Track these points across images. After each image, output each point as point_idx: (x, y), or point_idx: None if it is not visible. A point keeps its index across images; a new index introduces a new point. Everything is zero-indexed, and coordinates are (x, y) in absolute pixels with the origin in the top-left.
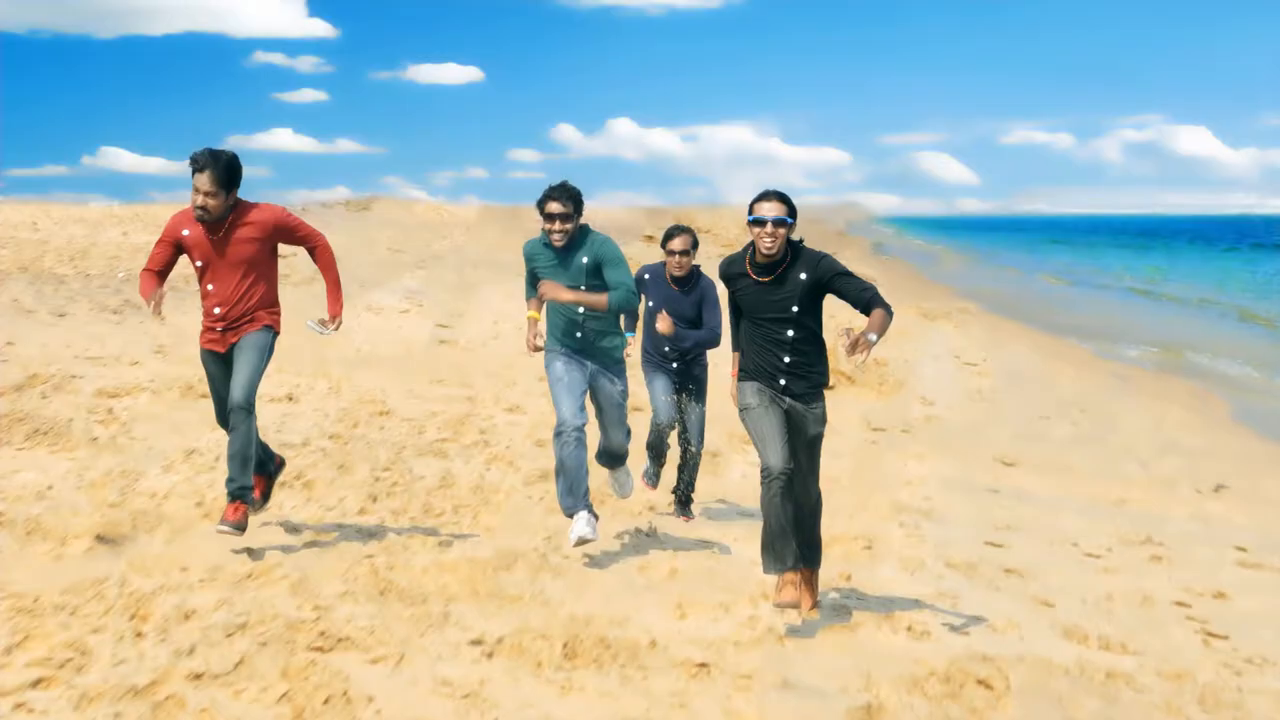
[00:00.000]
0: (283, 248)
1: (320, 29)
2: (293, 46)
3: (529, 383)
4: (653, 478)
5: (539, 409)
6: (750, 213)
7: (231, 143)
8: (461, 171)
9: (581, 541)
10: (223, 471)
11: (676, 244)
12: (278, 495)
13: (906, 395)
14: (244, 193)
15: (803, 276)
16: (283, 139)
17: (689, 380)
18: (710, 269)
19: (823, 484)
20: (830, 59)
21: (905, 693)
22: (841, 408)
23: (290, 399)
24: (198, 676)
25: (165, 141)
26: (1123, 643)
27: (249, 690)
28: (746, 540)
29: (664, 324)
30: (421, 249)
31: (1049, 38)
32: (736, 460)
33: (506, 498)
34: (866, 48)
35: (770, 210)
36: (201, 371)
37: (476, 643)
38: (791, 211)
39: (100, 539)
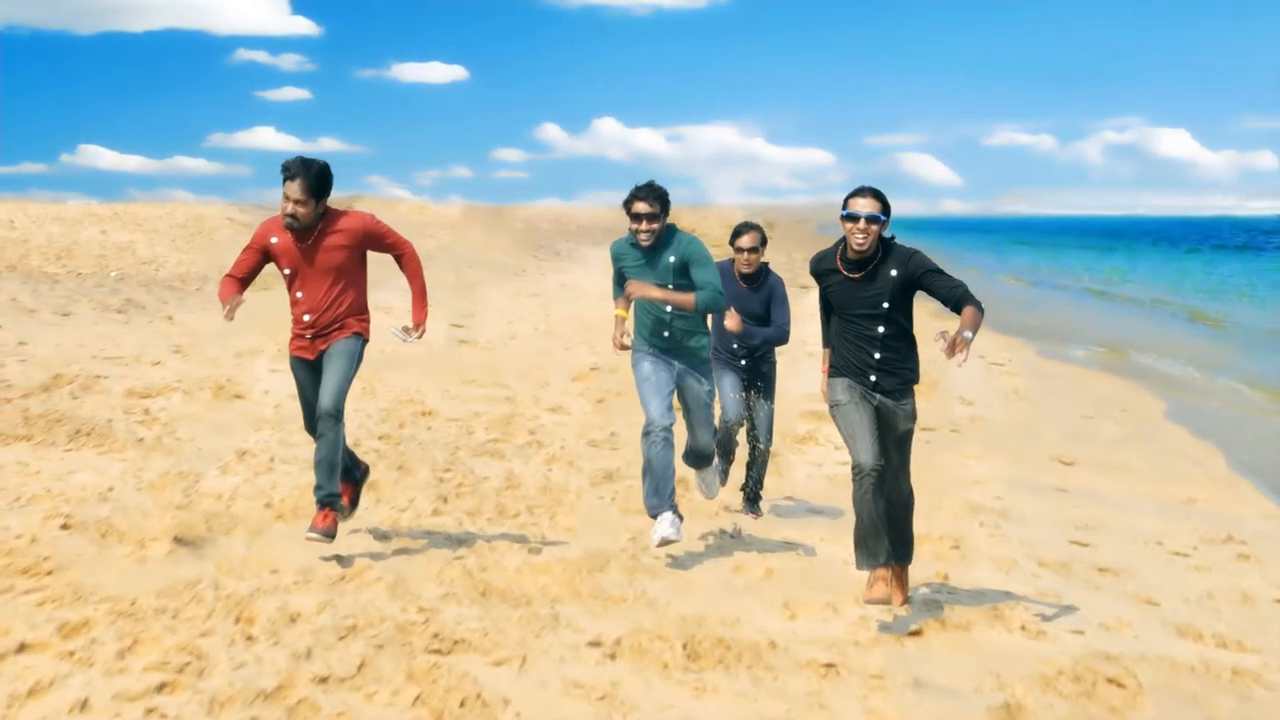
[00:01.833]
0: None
1: (303, 26)
2: (275, 44)
3: (563, 383)
4: (721, 475)
5: (581, 409)
6: (844, 207)
7: (213, 141)
8: (446, 171)
9: (665, 542)
10: (282, 473)
11: (745, 241)
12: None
13: (944, 395)
14: (227, 189)
15: (893, 273)
16: (265, 137)
17: (757, 377)
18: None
19: None
20: (815, 60)
21: (1040, 692)
22: None
23: None
24: (323, 680)
25: (145, 139)
26: (1238, 640)
27: (380, 694)
28: (831, 540)
29: (733, 321)
30: None
31: (1032, 40)
32: (795, 460)
33: (577, 498)
34: (851, 49)
35: (864, 206)
36: (230, 372)
37: (595, 644)
38: (885, 209)
39: (178, 541)
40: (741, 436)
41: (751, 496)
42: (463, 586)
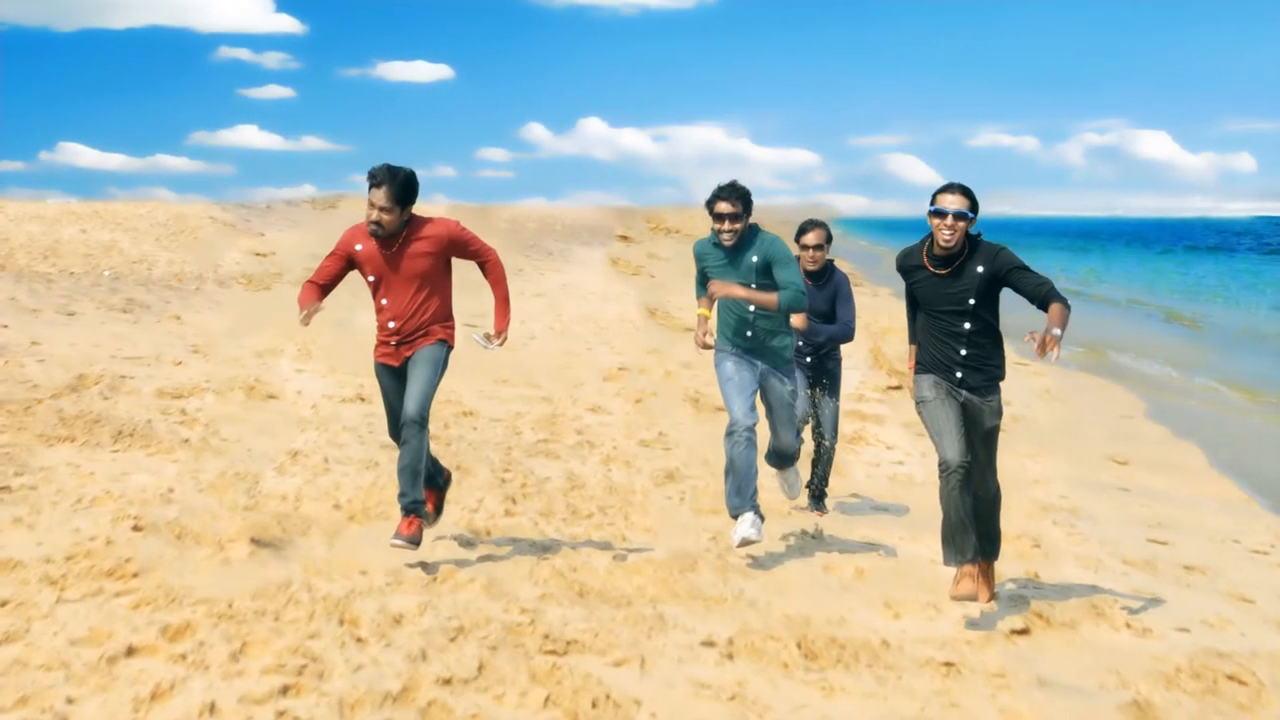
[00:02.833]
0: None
1: (287, 25)
2: (259, 42)
3: (595, 383)
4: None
5: (622, 409)
6: (931, 204)
7: (195, 139)
8: (430, 170)
9: (746, 543)
10: (340, 474)
11: (810, 238)
12: None
13: None
14: (209, 188)
15: (980, 269)
16: (248, 136)
17: (822, 375)
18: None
19: None
20: (801, 61)
21: (1164, 689)
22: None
23: (362, 399)
24: (446, 682)
25: (126, 138)
26: None
27: (508, 695)
28: (911, 540)
29: (798, 319)
30: None
31: (1015, 43)
32: (851, 460)
33: (645, 498)
34: (837, 51)
35: (952, 203)
36: (255, 372)
37: (708, 644)
38: (973, 206)
39: (256, 542)
40: (806, 434)
41: (817, 494)
42: (557, 587)
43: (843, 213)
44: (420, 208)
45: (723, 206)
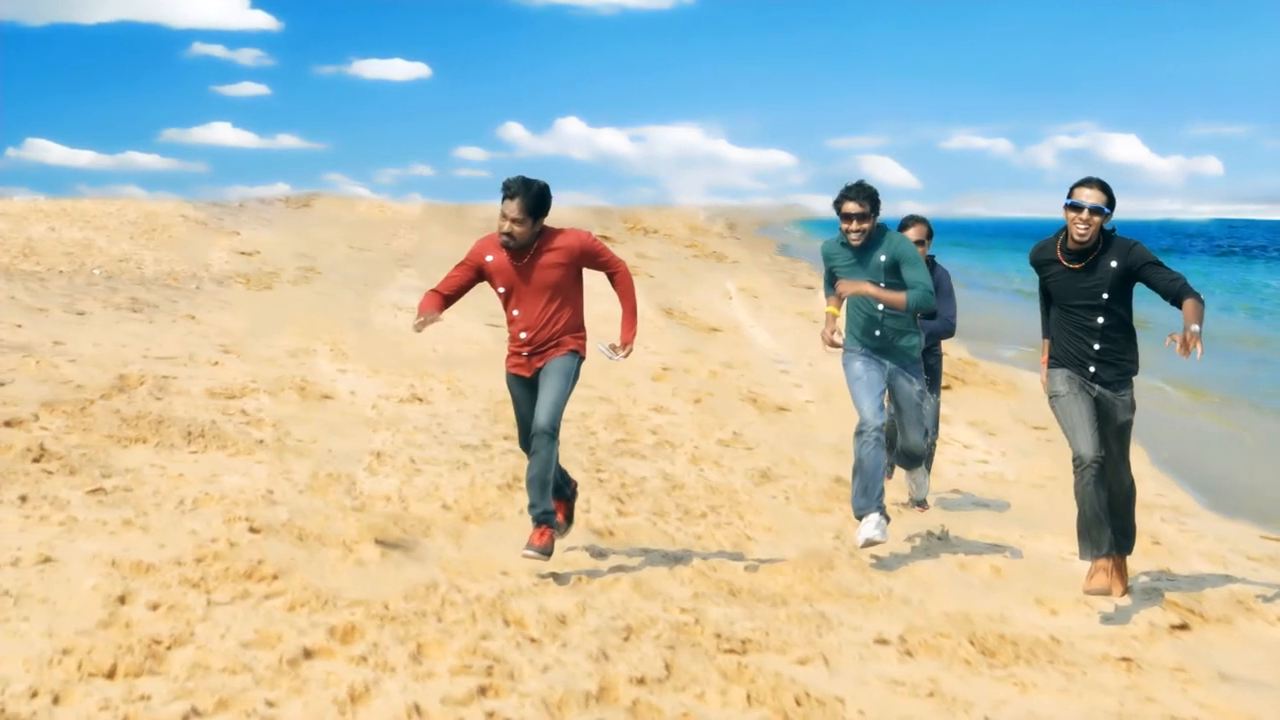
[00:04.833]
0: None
1: (262, 21)
2: (233, 39)
3: (645, 382)
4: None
5: (685, 409)
6: (1069, 197)
7: (168, 136)
8: (406, 169)
9: (869, 544)
10: (433, 474)
11: (911, 234)
12: (524, 498)
13: (1026, 394)
14: (181, 186)
15: (1113, 264)
16: (221, 133)
17: (924, 370)
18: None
19: (1046, 483)
20: (779, 63)
21: None
22: (979, 409)
23: (419, 400)
24: (640, 681)
25: (97, 134)
26: None
27: (708, 694)
28: (1031, 538)
29: None
30: (381, 247)
31: (990, 47)
32: (936, 458)
33: (750, 498)
34: (815, 52)
35: (1089, 197)
36: (297, 372)
37: (882, 642)
38: (1110, 201)
39: (381, 544)
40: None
41: None
42: (705, 586)
43: (819, 214)
44: (396, 207)
45: (850, 207)
